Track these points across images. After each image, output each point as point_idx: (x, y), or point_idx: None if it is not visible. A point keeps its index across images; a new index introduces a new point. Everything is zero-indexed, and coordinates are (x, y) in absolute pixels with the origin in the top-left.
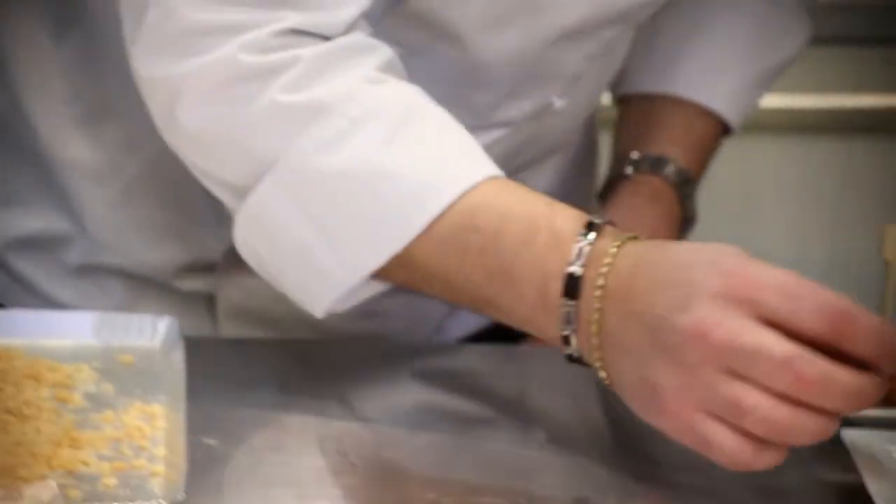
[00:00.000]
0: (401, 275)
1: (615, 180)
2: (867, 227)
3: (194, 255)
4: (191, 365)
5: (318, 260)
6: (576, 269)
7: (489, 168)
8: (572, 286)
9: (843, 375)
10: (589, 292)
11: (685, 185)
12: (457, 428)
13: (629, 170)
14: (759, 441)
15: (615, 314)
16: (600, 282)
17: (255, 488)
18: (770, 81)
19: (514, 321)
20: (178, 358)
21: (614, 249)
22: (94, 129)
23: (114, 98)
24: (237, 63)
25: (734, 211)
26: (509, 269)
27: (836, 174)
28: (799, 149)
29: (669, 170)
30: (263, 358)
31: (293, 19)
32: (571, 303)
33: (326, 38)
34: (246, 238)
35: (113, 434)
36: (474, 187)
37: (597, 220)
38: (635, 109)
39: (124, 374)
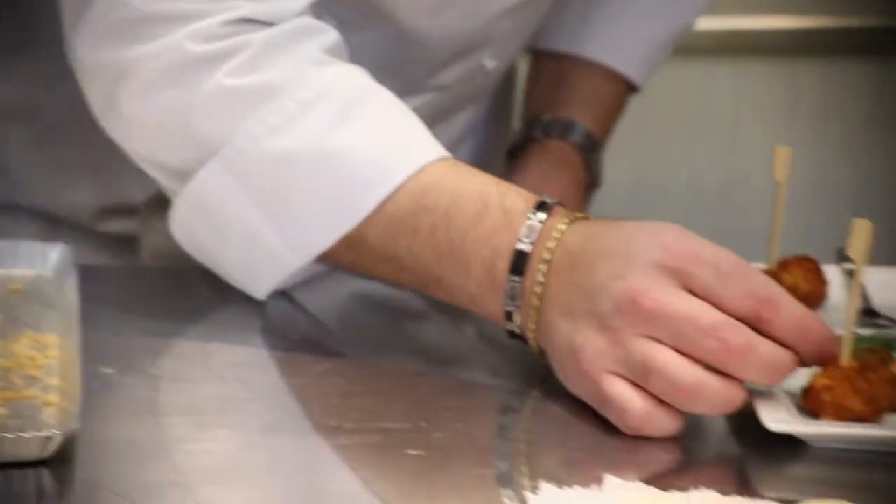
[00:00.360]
0: (348, 256)
1: (525, 142)
2: (763, 149)
3: (115, 198)
4: (87, 293)
5: (265, 242)
6: (525, 245)
7: (438, 149)
8: (519, 262)
9: (765, 346)
10: (534, 267)
11: (592, 151)
12: (387, 319)
13: (539, 133)
14: (660, 405)
15: (558, 285)
16: (546, 256)
17: (153, 417)
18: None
19: (460, 300)
20: (70, 286)
21: (563, 226)
22: (12, 65)
23: (33, 33)
24: (184, 50)
25: (633, 135)
26: (459, 247)
27: (731, 97)
28: (694, 72)
29: (578, 136)
30: (163, 286)
31: (245, 9)
32: (517, 279)
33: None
34: (184, 220)
35: (2, 364)
36: (424, 168)
37: (548, 200)
38: (546, 68)
39: (14, 303)
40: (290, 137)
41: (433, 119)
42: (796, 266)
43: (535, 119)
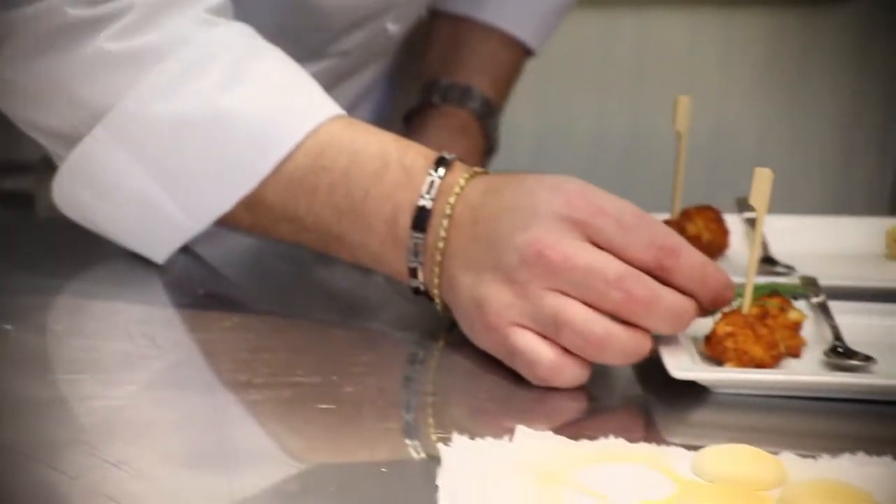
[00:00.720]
0: (247, 218)
1: (422, 107)
2: (665, 99)
3: (10, 155)
4: None
5: (160, 209)
6: (426, 202)
7: (334, 107)
8: (421, 218)
9: (668, 295)
10: (437, 222)
11: (490, 117)
12: (292, 269)
13: (437, 98)
14: (569, 355)
15: (460, 239)
16: (447, 211)
17: (57, 374)
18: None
19: (363, 259)
20: None
21: (463, 181)
22: None
23: None
24: (63, 14)
25: (538, 84)
26: (360, 205)
27: (634, 46)
28: (598, 21)
29: (475, 103)
30: (62, 241)
31: None
32: (420, 235)
33: None
34: (69, 188)
35: None
36: (321, 127)
37: (447, 156)
38: (444, 31)
39: None
40: (179, 100)
41: (333, 81)
42: (699, 215)
43: (433, 83)
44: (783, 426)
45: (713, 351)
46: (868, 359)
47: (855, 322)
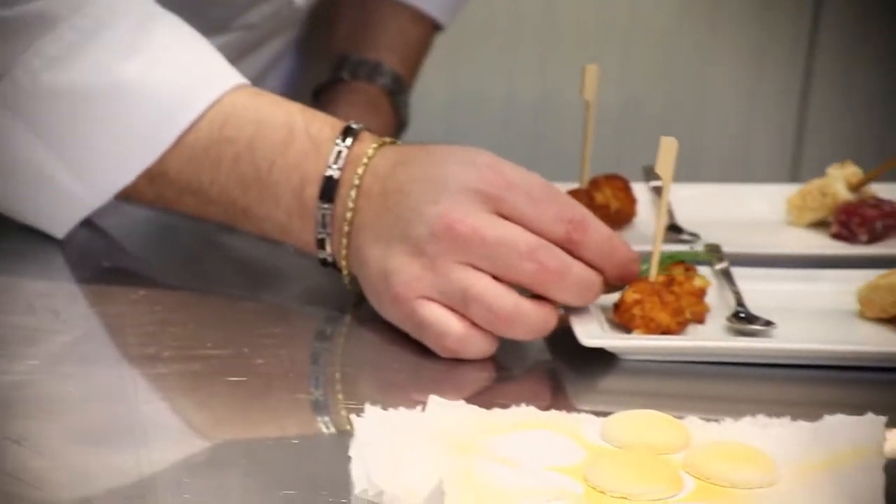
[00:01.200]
0: (150, 191)
1: (331, 83)
2: (574, 67)
3: None
4: None
5: (59, 183)
6: (333, 172)
7: (236, 76)
8: (329, 189)
9: (578, 267)
10: (345, 193)
11: (400, 94)
12: (195, 238)
13: (346, 74)
14: (477, 328)
15: (369, 210)
16: (355, 181)
17: None
18: None
19: (270, 231)
20: None
21: (371, 151)
22: None
23: None
24: None
25: (449, 51)
26: (265, 176)
27: (543, 13)
28: None
29: (386, 79)
30: None
31: None
32: (327, 206)
33: None
34: None
35: None
36: (224, 97)
37: (354, 126)
38: (352, 4)
39: None
40: (76, 70)
41: (239, 54)
42: (607, 184)
43: (343, 58)
44: (688, 391)
45: (622, 318)
46: (769, 324)
47: (756, 288)
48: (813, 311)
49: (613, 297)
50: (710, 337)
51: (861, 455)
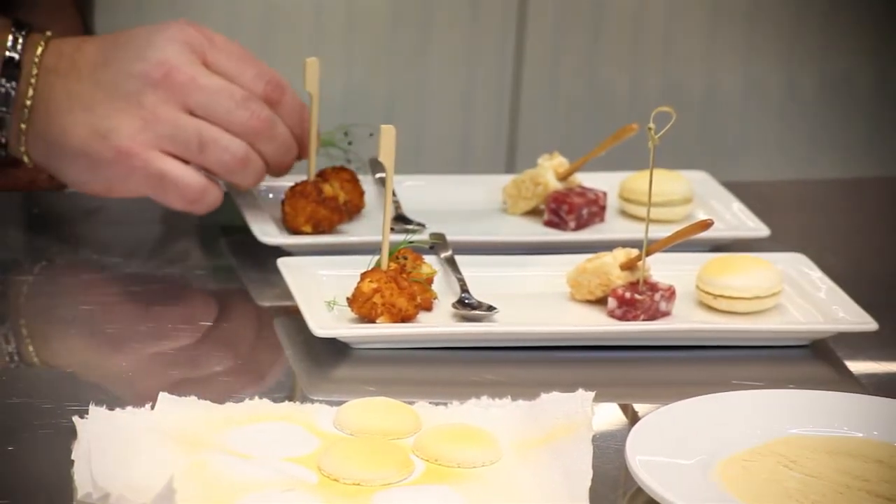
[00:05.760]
0: None
1: None
2: (298, 60)
3: None
4: None
5: None
6: (14, 54)
7: None
8: (11, 70)
9: (282, 126)
10: (27, 72)
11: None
12: None
13: None
14: (211, 180)
15: (61, 86)
16: (35, 60)
17: None
18: None
19: None
20: None
21: (46, 37)
22: None
23: None
24: None
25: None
26: None
27: (263, 11)
28: None
29: None
30: None
31: None
32: (9, 84)
33: None
34: None
35: None
36: None
37: (22, 20)
38: None
39: None
40: None
41: None
42: (334, 176)
43: None
44: (418, 377)
45: (361, 309)
46: (491, 308)
47: (478, 274)
48: (529, 295)
49: (346, 290)
50: (438, 323)
51: (573, 429)
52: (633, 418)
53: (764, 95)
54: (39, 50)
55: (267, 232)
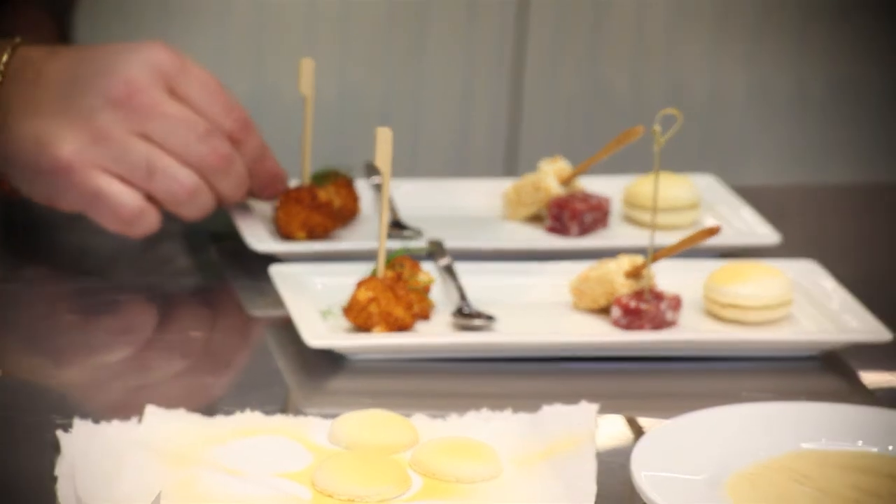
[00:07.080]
0: None
1: None
2: (292, 61)
3: None
4: None
5: None
6: None
7: None
8: None
9: (240, 163)
10: None
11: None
12: None
13: None
14: (150, 204)
15: (22, 93)
16: (1, 69)
17: None
18: None
19: None
20: None
21: (12, 44)
22: None
23: None
24: None
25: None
26: None
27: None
28: None
29: None
30: None
31: None
32: None
33: None
34: None
35: None
36: None
37: None
38: None
39: None
40: None
41: None
42: (329, 181)
43: None
44: (415, 388)
45: (357, 318)
46: (490, 318)
47: (478, 283)
48: (531, 304)
49: (342, 300)
50: (437, 333)
51: (576, 442)
52: (639, 432)
53: (772, 97)
54: (5, 57)
55: (259, 238)
